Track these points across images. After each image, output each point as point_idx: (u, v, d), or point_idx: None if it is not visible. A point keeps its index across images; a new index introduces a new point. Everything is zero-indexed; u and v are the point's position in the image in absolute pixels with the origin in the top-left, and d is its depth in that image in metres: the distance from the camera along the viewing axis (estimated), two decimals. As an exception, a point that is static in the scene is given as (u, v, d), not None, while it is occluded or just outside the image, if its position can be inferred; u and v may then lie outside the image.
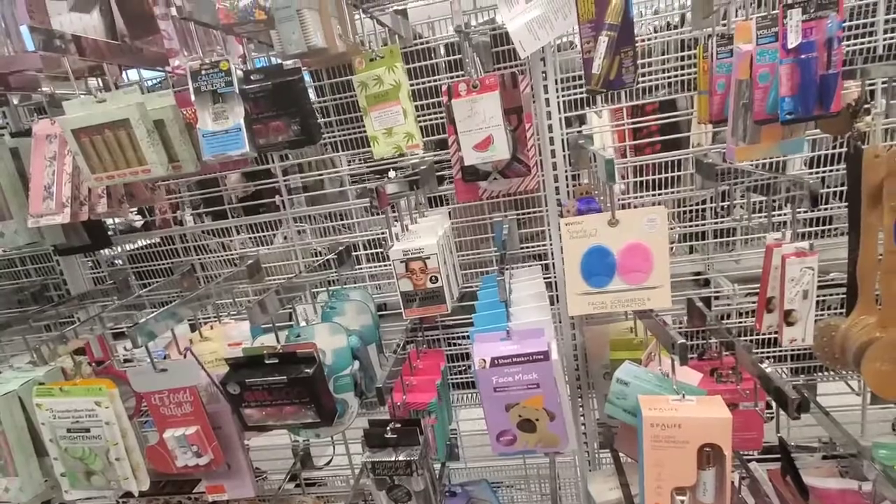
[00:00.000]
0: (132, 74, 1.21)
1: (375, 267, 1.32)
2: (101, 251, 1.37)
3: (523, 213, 1.21)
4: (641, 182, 1.22)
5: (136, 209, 1.61)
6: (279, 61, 0.96)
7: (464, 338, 1.38)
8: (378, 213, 1.12)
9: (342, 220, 1.33)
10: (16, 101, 1.28)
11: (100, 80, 1.17)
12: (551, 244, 1.22)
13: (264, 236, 1.36)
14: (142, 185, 1.22)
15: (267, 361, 0.97)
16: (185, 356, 1.10)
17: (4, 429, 1.10)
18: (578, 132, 1.15)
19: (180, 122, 0.99)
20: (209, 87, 0.87)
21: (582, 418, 1.42)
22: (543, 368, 0.84)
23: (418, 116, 1.10)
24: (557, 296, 1.24)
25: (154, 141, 0.96)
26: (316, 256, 1.31)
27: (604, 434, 1.34)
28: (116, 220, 1.47)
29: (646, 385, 0.91)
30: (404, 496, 0.99)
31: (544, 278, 1.13)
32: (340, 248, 1.26)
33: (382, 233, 1.26)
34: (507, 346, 0.86)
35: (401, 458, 0.95)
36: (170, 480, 1.43)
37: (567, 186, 1.14)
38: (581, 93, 1.15)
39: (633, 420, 0.90)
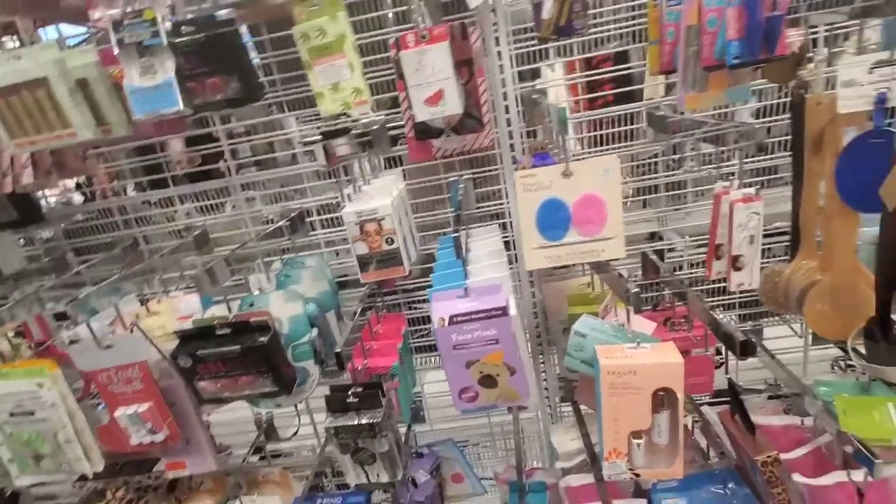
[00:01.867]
0: (50, 32, 1.11)
1: (331, 233, 1.28)
2: (34, 227, 1.28)
3: (479, 172, 1.19)
4: (595, 138, 1.22)
5: (72, 182, 1.51)
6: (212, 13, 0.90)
7: (424, 301, 1.37)
8: (329, 178, 1.08)
9: (293, 185, 1.28)
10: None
11: (14, 38, 1.07)
12: (508, 203, 1.21)
13: (212, 205, 1.30)
14: (72, 153, 1.14)
15: (219, 332, 0.94)
16: (131, 332, 1.05)
17: (-63, 419, 1.03)
18: (532, 87, 1.13)
19: (106, 82, 0.91)
20: (134, 39, 0.80)
21: (543, 374, 1.45)
22: (502, 324, 0.84)
23: (367, 74, 1.05)
24: (516, 255, 1.24)
25: (77, 101, 0.89)
26: (268, 224, 1.26)
27: (564, 388, 1.37)
28: (49, 193, 1.38)
29: (602, 336, 0.93)
30: (368, 458, 0.99)
31: (502, 237, 1.13)
32: (293, 214, 1.22)
33: (336, 198, 1.23)
34: (465, 304, 0.86)
35: (363, 421, 0.95)
36: (127, 461, 1.39)
37: (521, 143, 1.13)
38: (534, 45, 1.12)
39: (591, 370, 0.92)
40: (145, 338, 1.02)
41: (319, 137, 0.98)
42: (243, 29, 1.07)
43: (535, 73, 1.25)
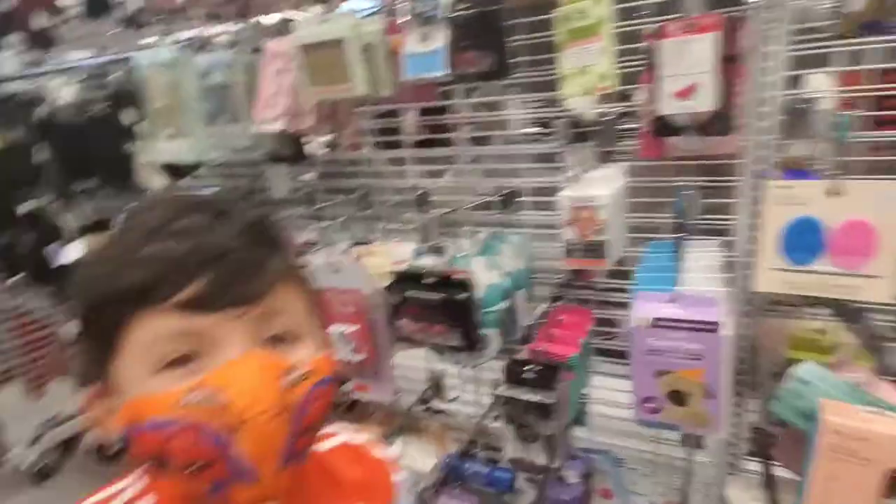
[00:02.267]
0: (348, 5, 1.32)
1: (538, 216, 1.31)
2: (299, 165, 1.55)
3: (712, 181, 1.09)
4: (871, 165, 1.03)
5: (329, 135, 1.77)
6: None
7: (614, 304, 1.32)
8: (548, 161, 1.10)
9: (511, 164, 1.33)
10: (252, 22, 1.48)
11: (322, 6, 1.30)
12: (739, 220, 1.09)
13: (436, 170, 1.42)
14: (344, 107, 1.35)
15: (425, 280, 1.04)
16: (356, 263, 1.22)
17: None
18: (795, 94, 0.99)
19: (386, 48, 1.07)
20: (422, 11, 0.91)
21: (735, 417, 1.29)
22: (711, 341, 0.77)
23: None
24: (734, 277, 1.11)
25: (361, 61, 1.05)
26: (481, 196, 1.33)
27: (756, 439, 1.20)
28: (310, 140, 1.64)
29: (831, 390, 0.79)
30: (531, 436, 1.01)
31: (723, 256, 1.03)
32: (506, 191, 1.28)
33: (551, 182, 1.24)
34: (672, 309, 0.80)
35: (536, 398, 0.97)
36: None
37: (773, 156, 1.00)
38: (813, 47, 0.98)
39: (805, 425, 0.79)
40: (365, 272, 1.18)
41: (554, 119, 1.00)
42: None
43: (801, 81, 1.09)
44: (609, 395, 1.45)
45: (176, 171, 1.54)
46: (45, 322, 2.30)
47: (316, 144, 1.74)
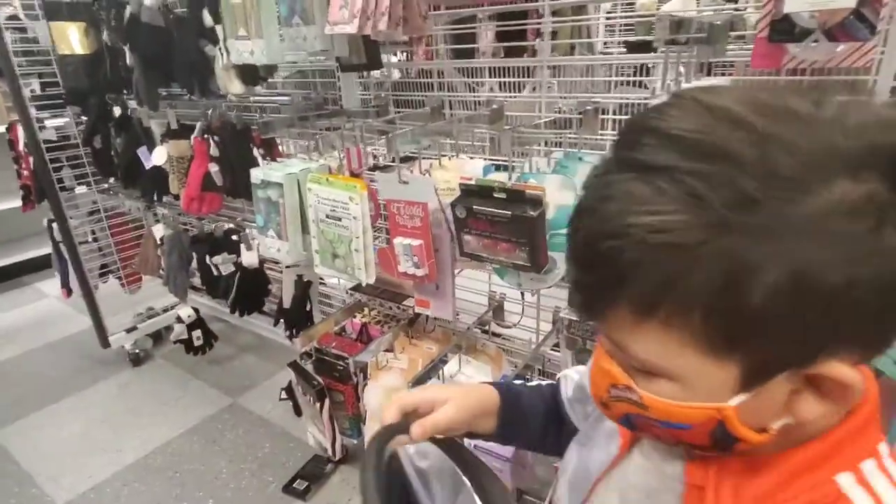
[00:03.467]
0: None
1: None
2: (372, 74, 1.51)
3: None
4: None
5: (405, 39, 1.70)
6: None
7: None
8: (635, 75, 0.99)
9: (593, 78, 1.22)
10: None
11: None
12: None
13: (514, 83, 1.34)
14: (416, 11, 1.27)
15: (495, 195, 0.99)
16: (424, 176, 1.19)
17: (285, 202, 1.36)
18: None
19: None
20: None
21: None
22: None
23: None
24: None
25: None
26: (560, 113, 1.25)
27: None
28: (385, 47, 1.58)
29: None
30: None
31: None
32: (587, 108, 1.18)
33: (641, 100, 1.13)
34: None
35: (601, 324, 0.93)
36: (386, 290, 1.65)
37: (915, 73, 0.85)
38: None
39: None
40: (433, 185, 1.15)
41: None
42: None
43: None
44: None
45: (251, 74, 1.54)
46: (136, 223, 2.49)
47: (390, 52, 1.67)
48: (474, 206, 0.99)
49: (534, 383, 0.75)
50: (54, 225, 2.26)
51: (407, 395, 0.64)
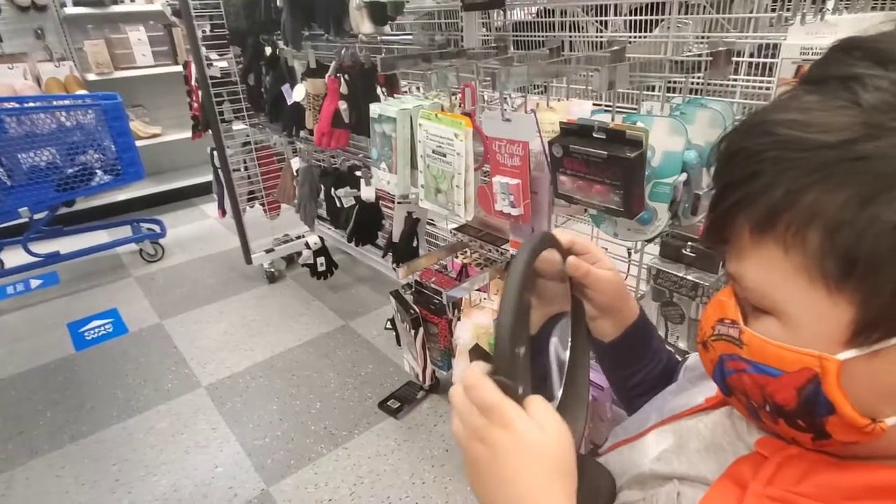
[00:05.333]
0: None
1: (755, 81, 1.09)
2: (493, 14, 1.50)
3: None
4: None
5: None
6: None
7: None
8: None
9: (734, 14, 1.10)
10: None
11: None
12: None
13: (643, 21, 1.25)
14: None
15: (595, 135, 0.96)
16: (529, 113, 1.18)
17: (397, 136, 1.44)
18: None
19: None
20: None
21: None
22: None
23: None
24: None
25: None
26: (688, 55, 1.14)
27: None
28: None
29: None
30: (676, 317, 0.93)
31: None
32: (720, 49, 1.07)
33: (777, 40, 1.00)
34: None
35: (690, 277, 0.88)
36: (488, 234, 1.69)
37: None
38: None
39: None
40: (537, 124, 1.14)
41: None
42: None
43: None
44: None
45: (380, 14, 1.61)
46: (279, 156, 2.78)
47: None
48: (571, 146, 0.97)
49: None
50: (215, 153, 2.61)
51: (581, 240, 0.59)
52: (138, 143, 3.01)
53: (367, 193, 2.07)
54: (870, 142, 0.29)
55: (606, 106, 1.11)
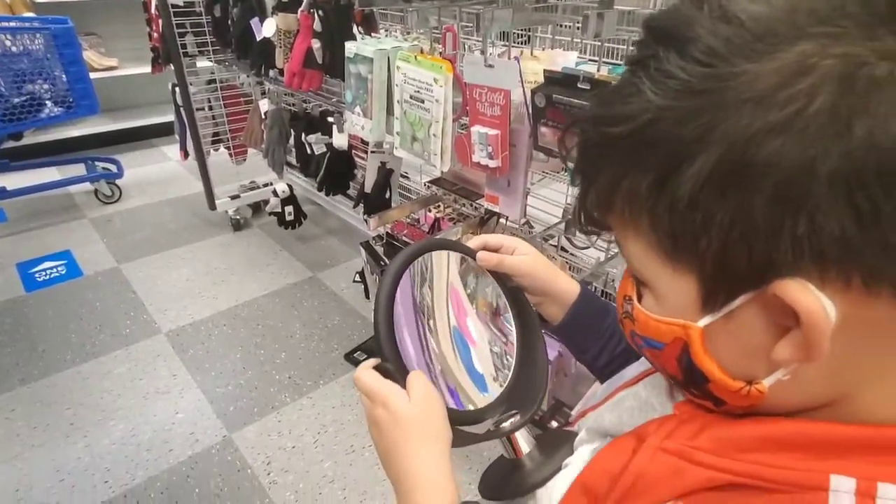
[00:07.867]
0: None
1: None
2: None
3: None
4: None
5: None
6: None
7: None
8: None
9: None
10: None
11: None
12: None
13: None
14: None
15: (580, 85, 0.93)
16: (512, 60, 1.13)
17: (373, 78, 1.37)
18: None
19: None
20: None
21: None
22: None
23: None
24: None
25: None
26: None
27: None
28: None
29: None
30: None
31: None
32: None
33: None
34: None
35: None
36: (463, 188, 1.66)
37: None
38: None
39: None
40: (519, 72, 1.10)
41: None
42: None
43: None
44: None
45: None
46: (247, 97, 2.64)
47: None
48: (554, 95, 0.94)
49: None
50: (177, 89, 2.46)
51: (494, 235, 0.64)
52: (93, 76, 2.80)
53: (340, 141, 1.99)
54: (652, 127, 0.31)
55: (591, 59, 1.07)
